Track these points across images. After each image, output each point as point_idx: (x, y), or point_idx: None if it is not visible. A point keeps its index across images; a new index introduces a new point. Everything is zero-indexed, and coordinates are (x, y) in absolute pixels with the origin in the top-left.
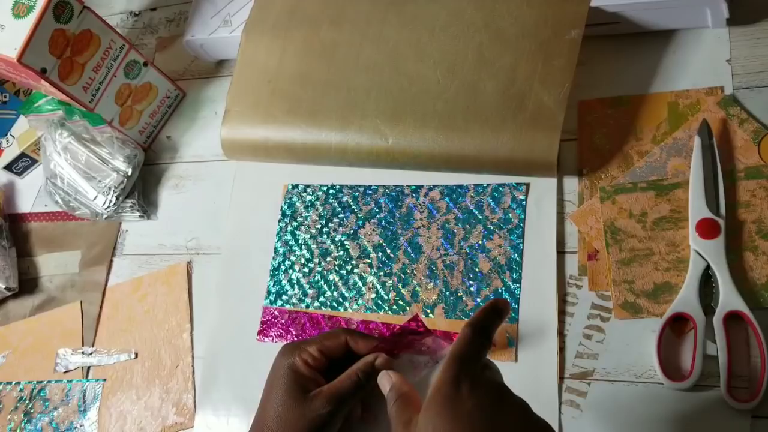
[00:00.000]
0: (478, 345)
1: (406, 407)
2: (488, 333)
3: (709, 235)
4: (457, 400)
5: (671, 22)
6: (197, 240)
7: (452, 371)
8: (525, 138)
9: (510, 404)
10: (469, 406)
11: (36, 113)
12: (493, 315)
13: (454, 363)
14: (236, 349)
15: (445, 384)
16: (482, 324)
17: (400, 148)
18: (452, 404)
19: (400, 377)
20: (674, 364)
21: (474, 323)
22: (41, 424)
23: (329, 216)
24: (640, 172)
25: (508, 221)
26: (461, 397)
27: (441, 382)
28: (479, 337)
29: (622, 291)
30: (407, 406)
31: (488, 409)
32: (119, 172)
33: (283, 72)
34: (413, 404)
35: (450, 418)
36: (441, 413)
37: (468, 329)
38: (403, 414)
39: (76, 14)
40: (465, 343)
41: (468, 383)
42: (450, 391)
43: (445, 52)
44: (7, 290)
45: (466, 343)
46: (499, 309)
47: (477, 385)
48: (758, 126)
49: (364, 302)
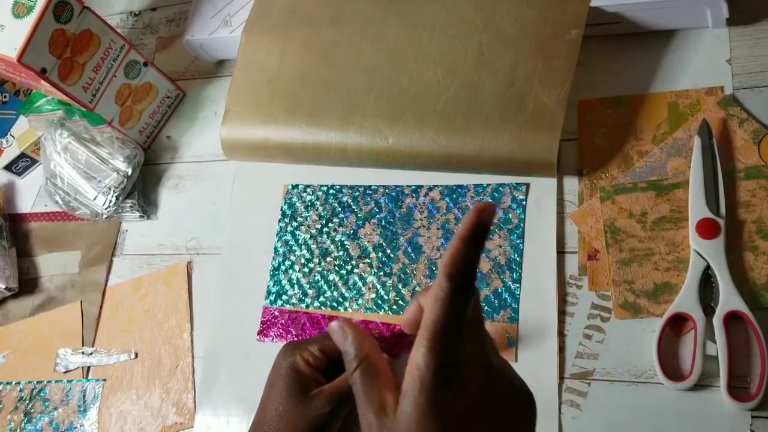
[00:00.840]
0: (460, 304)
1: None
2: (472, 279)
3: (709, 235)
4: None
5: (671, 22)
6: (197, 240)
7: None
8: (525, 138)
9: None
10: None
11: (36, 113)
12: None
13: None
14: (236, 349)
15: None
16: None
17: (400, 148)
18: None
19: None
20: (674, 364)
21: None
22: (41, 424)
23: (329, 216)
24: (640, 172)
25: (508, 221)
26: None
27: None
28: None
29: (622, 291)
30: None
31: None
32: (119, 172)
33: (283, 72)
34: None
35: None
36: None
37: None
38: (370, 391)
39: (76, 14)
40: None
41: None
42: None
43: (445, 52)
44: (7, 290)
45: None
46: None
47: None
48: (758, 126)
49: (364, 302)
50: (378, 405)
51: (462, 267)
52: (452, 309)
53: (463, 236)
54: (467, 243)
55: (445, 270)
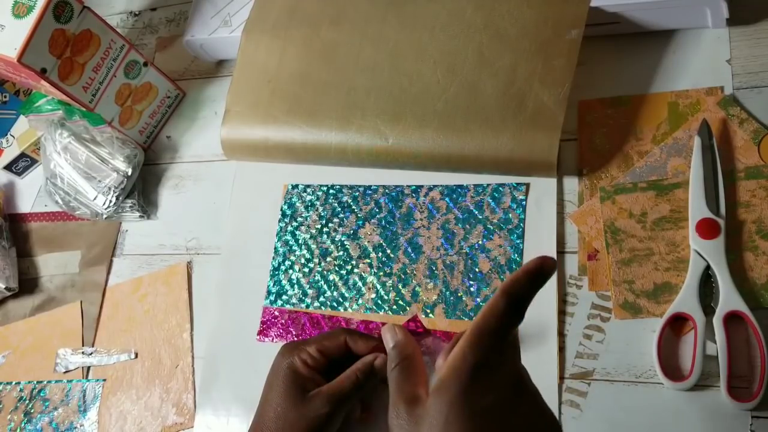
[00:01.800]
0: (510, 320)
1: (410, 376)
2: (525, 305)
3: (709, 235)
4: (475, 393)
5: (671, 22)
6: (197, 240)
7: (474, 355)
8: (525, 138)
9: (526, 395)
10: (487, 402)
11: (36, 113)
12: (536, 279)
13: (477, 344)
14: (236, 349)
15: (462, 370)
16: (521, 291)
17: (400, 148)
18: (469, 397)
19: (406, 335)
20: (674, 364)
21: (511, 290)
22: (41, 424)
23: (329, 216)
24: (640, 172)
25: (508, 221)
26: (480, 388)
27: (459, 366)
28: (514, 310)
29: (622, 291)
30: (411, 375)
31: (506, 405)
32: (119, 172)
33: (283, 72)
34: (418, 374)
35: (465, 414)
36: (455, 405)
37: (502, 298)
38: (405, 384)
39: (76, 14)
40: (495, 317)
41: (489, 370)
42: (467, 381)
43: (445, 52)
44: (7, 290)
45: (497, 317)
46: (544, 271)
47: (497, 375)
48: (758, 126)
49: (364, 302)
50: (410, 396)
51: (519, 291)
52: (500, 320)
53: (527, 270)
54: (528, 276)
55: (505, 288)
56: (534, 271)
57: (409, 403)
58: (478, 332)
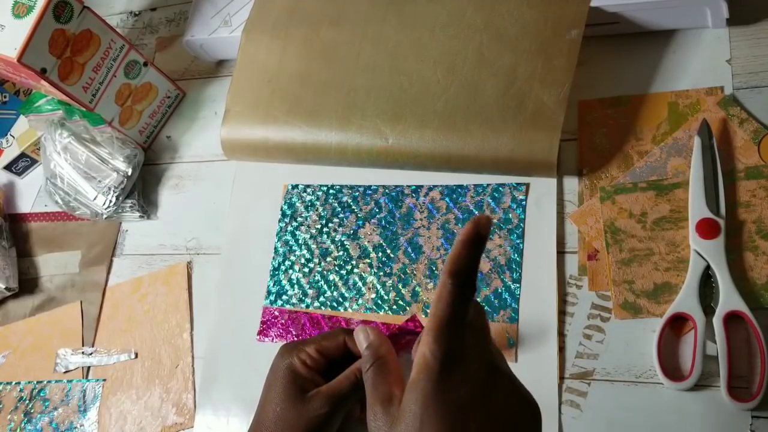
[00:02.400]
0: (461, 298)
1: (385, 376)
2: (472, 277)
3: (709, 235)
4: (447, 388)
5: (671, 22)
6: (197, 240)
7: (439, 349)
8: (525, 138)
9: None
10: (463, 393)
11: (36, 113)
12: (476, 245)
13: (439, 336)
14: (236, 349)
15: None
16: (464, 266)
17: (400, 148)
18: (442, 394)
19: (379, 335)
20: (674, 364)
21: (453, 268)
22: (41, 424)
23: (329, 216)
24: (640, 172)
25: (508, 221)
26: (452, 381)
27: (427, 362)
28: (462, 287)
29: (622, 291)
30: (385, 375)
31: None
32: (119, 172)
33: (283, 72)
34: (392, 373)
35: (440, 412)
36: (429, 404)
37: (449, 281)
38: (380, 385)
39: (76, 14)
40: (446, 301)
41: (457, 364)
42: (438, 378)
43: (445, 52)
44: (7, 290)
45: (447, 301)
46: (480, 234)
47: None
48: (758, 126)
49: (364, 302)
50: (385, 396)
51: (462, 266)
52: (454, 303)
53: (463, 240)
54: (466, 246)
55: (447, 268)
56: (470, 236)
57: (384, 403)
58: (436, 324)
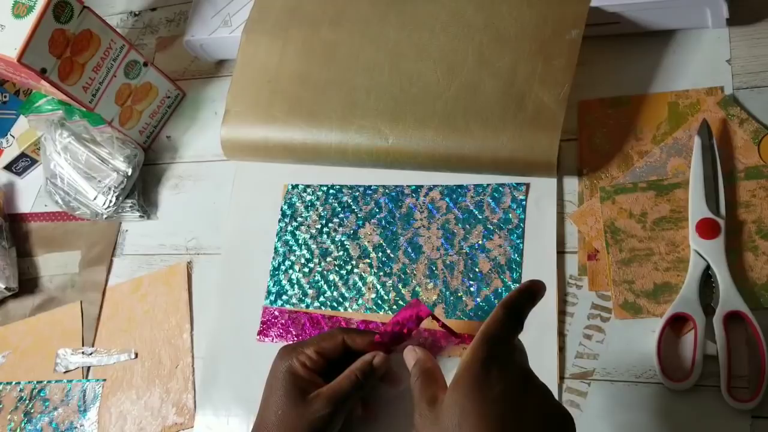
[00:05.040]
0: (509, 327)
1: (430, 383)
2: (521, 315)
3: (709, 235)
4: (486, 382)
5: (671, 22)
6: (197, 240)
7: (483, 352)
8: (525, 138)
9: (534, 389)
10: (498, 390)
11: (36, 113)
12: (528, 296)
13: (484, 343)
14: (236, 349)
15: (474, 364)
16: (516, 305)
17: (400, 148)
18: (481, 386)
19: (425, 353)
20: (674, 364)
21: (508, 304)
22: (41, 424)
23: (329, 216)
24: (640, 172)
25: (508, 221)
26: (490, 379)
27: (471, 361)
28: (512, 319)
29: (622, 291)
30: (431, 383)
31: (515, 393)
32: (119, 172)
33: (283, 72)
34: (437, 381)
35: (479, 401)
36: (469, 395)
37: (501, 310)
38: (426, 390)
39: (76, 14)
40: (497, 324)
41: (497, 366)
42: (479, 373)
43: (445, 52)
44: (7, 290)
45: (498, 324)
46: (533, 291)
47: (506, 368)
48: (758, 126)
49: (364, 302)
50: (430, 398)
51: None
52: (501, 327)
53: (520, 288)
54: (521, 293)
55: (503, 302)
56: (525, 289)
57: (429, 402)
58: (484, 335)
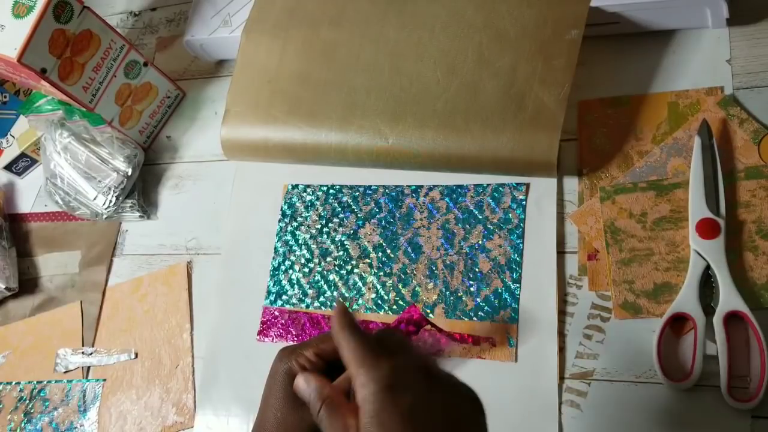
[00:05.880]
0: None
1: (336, 411)
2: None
3: (709, 235)
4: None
5: (671, 22)
6: (197, 240)
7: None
8: (525, 138)
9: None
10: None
11: (36, 113)
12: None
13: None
14: (236, 349)
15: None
16: (347, 320)
17: (400, 148)
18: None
19: (318, 379)
20: (674, 364)
21: (342, 325)
22: (41, 424)
23: (329, 216)
24: (640, 172)
25: (508, 221)
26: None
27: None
28: (357, 331)
29: (622, 291)
30: (337, 410)
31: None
32: (119, 172)
33: (283, 72)
34: (343, 407)
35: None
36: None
37: (345, 333)
38: (336, 421)
39: (76, 14)
40: (357, 345)
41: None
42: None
43: (445, 52)
44: (7, 290)
45: (358, 345)
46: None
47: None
48: (758, 126)
49: (364, 302)
50: (342, 427)
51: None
52: (355, 342)
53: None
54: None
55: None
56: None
57: None
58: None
